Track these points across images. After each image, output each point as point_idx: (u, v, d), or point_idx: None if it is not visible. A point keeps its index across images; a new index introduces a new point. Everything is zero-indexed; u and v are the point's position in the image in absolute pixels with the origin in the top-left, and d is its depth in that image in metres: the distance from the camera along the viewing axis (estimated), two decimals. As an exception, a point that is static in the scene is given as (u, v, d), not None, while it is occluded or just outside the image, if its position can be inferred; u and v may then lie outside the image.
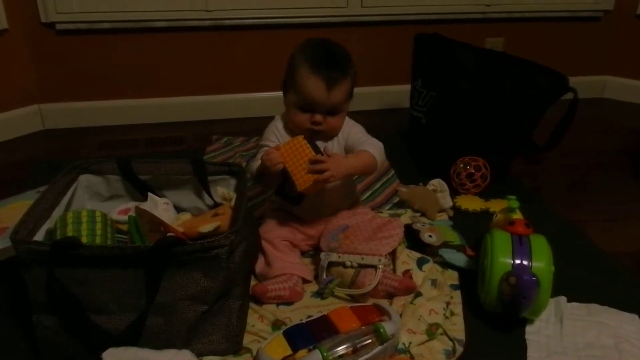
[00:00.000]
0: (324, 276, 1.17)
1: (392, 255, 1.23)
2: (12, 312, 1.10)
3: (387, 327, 0.94)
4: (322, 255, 1.19)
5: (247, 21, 2.14)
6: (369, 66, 2.30)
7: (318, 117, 1.19)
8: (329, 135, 1.25)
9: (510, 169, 1.74)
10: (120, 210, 1.23)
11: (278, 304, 1.13)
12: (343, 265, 1.16)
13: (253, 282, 1.18)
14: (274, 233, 1.25)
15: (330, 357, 0.88)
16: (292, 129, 1.25)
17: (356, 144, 1.24)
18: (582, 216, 1.52)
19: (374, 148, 1.21)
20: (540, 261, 1.02)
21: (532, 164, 1.86)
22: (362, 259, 1.15)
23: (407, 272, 1.18)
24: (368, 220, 1.27)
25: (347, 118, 1.28)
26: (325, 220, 1.28)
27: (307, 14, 2.16)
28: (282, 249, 1.22)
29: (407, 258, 1.22)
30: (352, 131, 1.27)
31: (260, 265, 1.20)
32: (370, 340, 0.93)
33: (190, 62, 2.18)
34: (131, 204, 1.23)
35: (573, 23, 2.42)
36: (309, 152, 1.11)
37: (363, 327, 0.96)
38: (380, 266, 1.13)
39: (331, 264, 1.18)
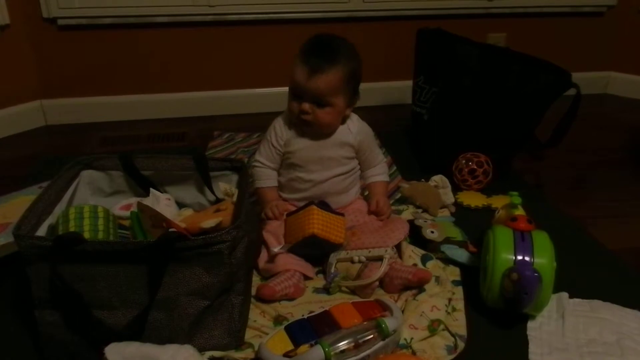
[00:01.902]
0: (332, 271, 1.17)
1: (398, 251, 1.22)
2: (14, 308, 1.10)
3: (389, 322, 0.94)
4: (332, 254, 1.20)
5: (249, 16, 2.13)
6: (371, 62, 2.29)
7: (305, 106, 1.21)
8: (320, 131, 1.26)
9: (512, 166, 1.74)
10: (122, 206, 1.23)
11: (280, 300, 1.13)
12: (351, 260, 1.17)
13: (255, 277, 1.18)
14: (277, 228, 1.25)
15: (332, 353, 0.88)
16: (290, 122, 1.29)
17: (366, 163, 1.35)
18: (584, 213, 1.52)
19: (384, 173, 1.38)
20: (543, 257, 1.02)
21: (535, 160, 1.86)
22: (369, 252, 1.16)
23: (414, 266, 1.19)
24: (374, 218, 1.30)
25: (356, 117, 1.31)
26: None
27: (310, 9, 2.16)
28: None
29: (412, 253, 1.22)
30: (364, 136, 1.31)
31: (262, 261, 1.20)
32: (372, 336, 0.93)
33: (193, 57, 2.18)
34: (133, 200, 1.23)
35: (576, 18, 2.41)
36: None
37: (365, 323, 0.96)
38: (387, 257, 1.13)
39: (339, 261, 1.18)
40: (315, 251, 1.21)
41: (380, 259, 1.14)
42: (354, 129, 1.30)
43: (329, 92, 1.20)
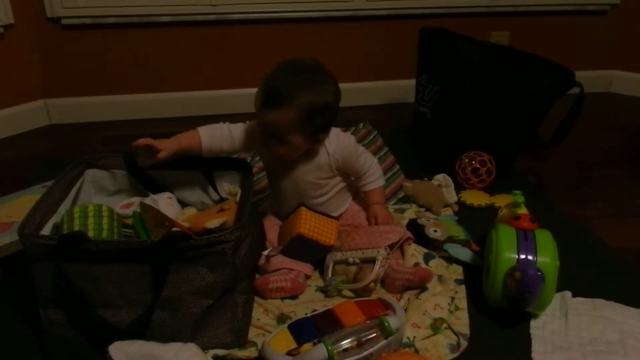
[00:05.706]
0: (330, 275, 1.17)
1: (401, 250, 1.23)
2: (19, 306, 1.10)
3: (392, 321, 0.95)
4: (327, 255, 1.20)
5: (252, 15, 2.14)
6: (374, 61, 2.31)
7: (264, 135, 1.13)
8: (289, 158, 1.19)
9: (515, 165, 1.74)
10: (123, 204, 1.23)
11: (283, 298, 1.14)
12: (346, 262, 1.17)
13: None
14: (273, 232, 1.25)
15: (335, 351, 0.88)
16: None
17: (353, 174, 1.29)
18: (587, 212, 1.52)
19: (376, 179, 1.29)
20: (546, 256, 1.02)
21: (538, 160, 1.86)
22: (363, 253, 1.16)
23: (416, 265, 1.19)
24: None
25: (335, 133, 1.20)
26: None
27: (313, 8, 2.16)
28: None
29: (415, 252, 1.22)
30: (341, 155, 1.20)
31: (260, 260, 1.20)
32: (374, 334, 0.93)
33: (195, 56, 2.18)
34: (134, 199, 1.23)
35: (579, 17, 2.40)
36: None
37: (368, 321, 0.96)
38: (379, 258, 1.13)
39: (335, 263, 1.19)
40: (308, 254, 1.19)
41: (373, 260, 1.14)
42: (331, 148, 1.19)
43: (281, 129, 1.10)
